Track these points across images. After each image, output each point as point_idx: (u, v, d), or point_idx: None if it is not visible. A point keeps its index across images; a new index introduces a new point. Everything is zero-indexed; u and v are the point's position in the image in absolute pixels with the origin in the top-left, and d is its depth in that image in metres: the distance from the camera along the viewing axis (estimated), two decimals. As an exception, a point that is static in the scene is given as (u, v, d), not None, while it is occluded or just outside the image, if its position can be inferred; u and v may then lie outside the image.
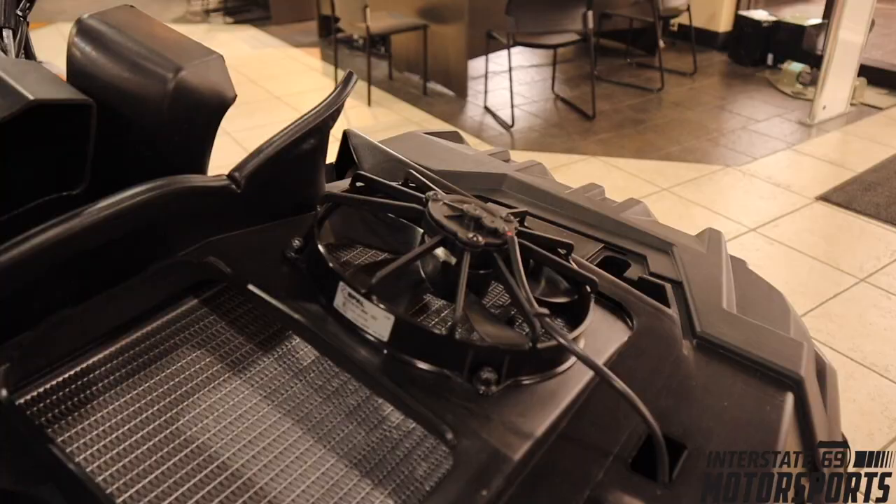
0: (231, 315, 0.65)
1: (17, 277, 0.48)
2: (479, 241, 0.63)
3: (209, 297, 0.65)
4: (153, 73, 0.61)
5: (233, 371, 0.61)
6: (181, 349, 0.60)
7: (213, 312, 0.64)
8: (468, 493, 0.50)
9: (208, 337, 0.62)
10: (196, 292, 0.63)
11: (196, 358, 0.61)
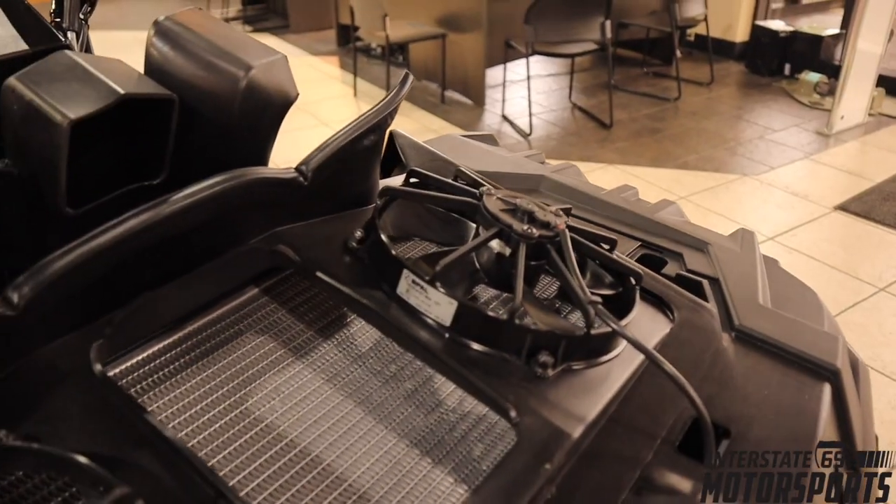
0: (292, 303, 0.68)
1: (109, 260, 0.52)
2: (533, 233, 0.67)
3: (271, 286, 0.68)
4: (226, 72, 0.65)
5: (296, 356, 0.64)
6: (248, 333, 0.64)
7: (276, 300, 0.67)
8: (532, 466, 0.54)
9: (272, 323, 0.66)
10: (261, 280, 0.66)
11: (262, 342, 0.64)
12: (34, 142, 0.56)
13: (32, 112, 0.55)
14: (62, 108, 0.54)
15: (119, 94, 0.55)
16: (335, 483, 0.54)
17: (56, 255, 0.49)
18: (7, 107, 0.57)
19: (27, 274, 0.49)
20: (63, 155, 0.54)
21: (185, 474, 0.47)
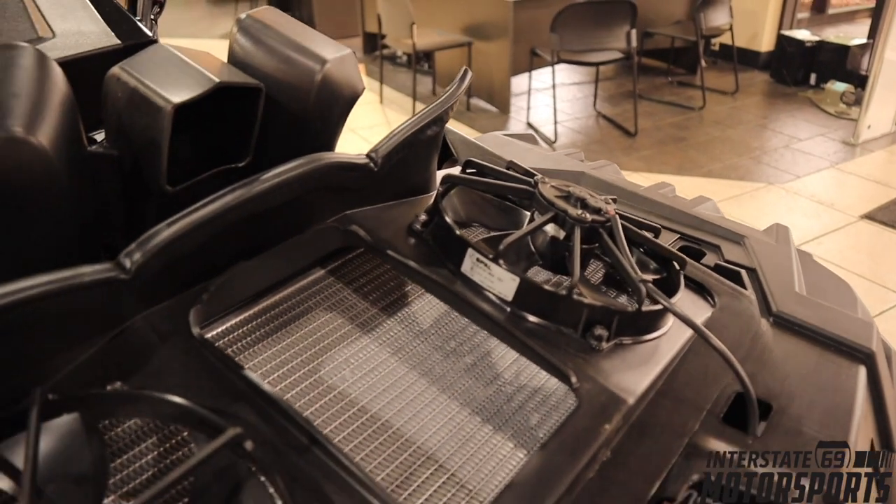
0: (359, 282, 0.73)
1: (207, 231, 0.57)
2: (587, 218, 0.71)
3: (341, 265, 0.73)
4: (303, 66, 0.70)
5: (363, 330, 0.68)
6: (321, 308, 0.69)
7: (345, 278, 0.72)
8: (593, 426, 0.58)
9: (342, 299, 0.70)
10: (333, 259, 0.71)
11: (333, 317, 0.69)
12: (138, 125, 0.61)
13: (137, 98, 0.60)
14: (165, 94, 0.59)
15: (215, 82, 0.61)
16: (405, 445, 0.59)
17: (162, 226, 0.55)
18: (111, 93, 0.62)
19: (137, 242, 0.54)
20: (166, 136, 0.59)
21: (279, 424, 0.52)
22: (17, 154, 0.52)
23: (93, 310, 0.53)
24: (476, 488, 0.56)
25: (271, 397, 0.53)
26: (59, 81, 0.57)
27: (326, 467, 0.51)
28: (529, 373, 0.67)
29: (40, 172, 0.54)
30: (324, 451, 0.51)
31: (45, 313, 0.49)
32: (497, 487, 0.55)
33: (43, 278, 0.48)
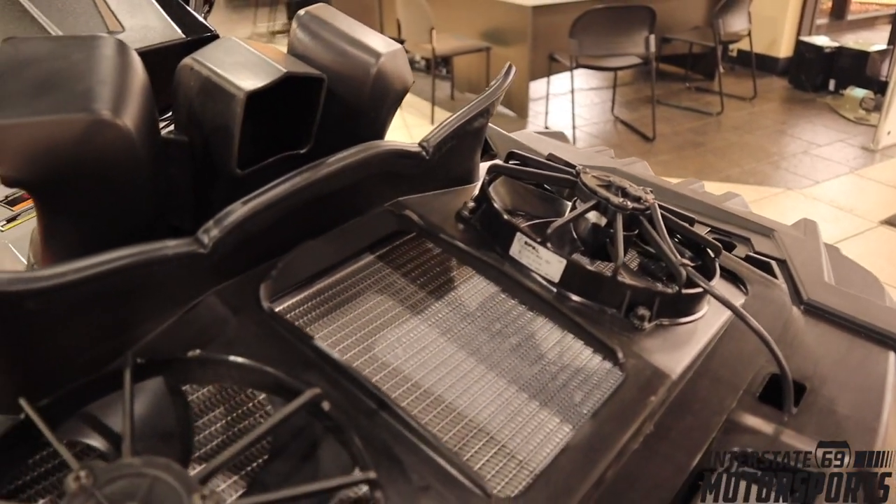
0: (409, 266, 0.76)
1: (277, 211, 0.61)
2: (628, 205, 0.74)
3: (393, 249, 0.77)
4: (359, 59, 0.74)
5: (413, 312, 0.72)
6: (376, 289, 0.72)
7: (396, 262, 0.76)
8: (639, 398, 0.61)
9: (395, 281, 0.74)
10: (386, 242, 0.75)
11: (386, 297, 0.72)
12: (210, 112, 0.65)
13: (210, 87, 0.64)
14: (237, 82, 0.63)
15: (283, 72, 0.65)
16: (458, 418, 0.62)
17: (237, 205, 0.59)
18: (184, 83, 0.66)
19: (214, 219, 0.58)
20: (238, 122, 0.63)
21: (348, 389, 0.56)
22: (105, 135, 0.56)
23: (173, 282, 0.57)
24: (525, 458, 0.59)
25: (341, 365, 0.57)
26: (139, 70, 0.61)
27: (394, 430, 0.54)
28: (572, 353, 0.71)
29: (125, 154, 0.58)
30: (392, 415, 0.55)
31: (132, 282, 0.53)
32: (546, 458, 0.58)
33: (131, 249, 0.52)
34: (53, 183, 0.57)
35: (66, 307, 0.50)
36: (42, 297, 0.47)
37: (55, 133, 0.55)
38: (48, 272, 0.47)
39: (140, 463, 0.43)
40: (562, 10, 4.76)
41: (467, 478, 0.52)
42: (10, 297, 0.46)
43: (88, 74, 0.57)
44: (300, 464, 0.50)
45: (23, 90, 0.56)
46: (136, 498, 0.41)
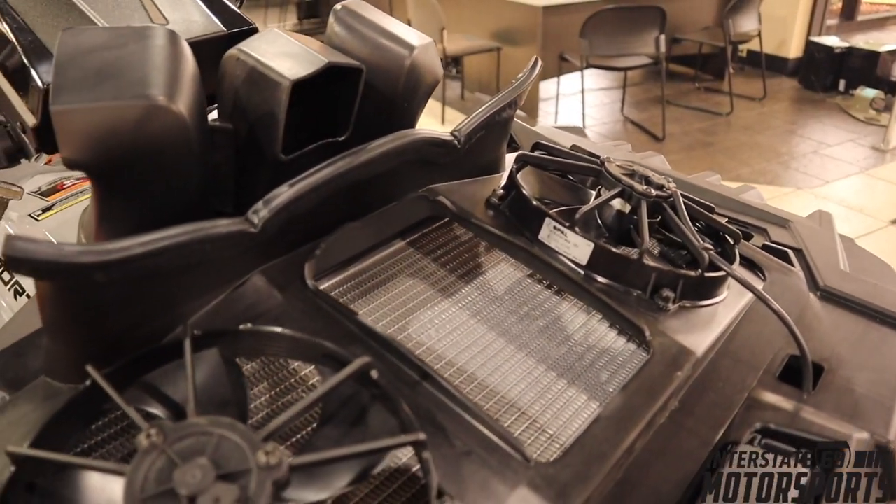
0: (442, 250, 0.79)
1: (320, 194, 0.64)
2: (651, 193, 0.77)
3: (426, 234, 0.80)
4: (394, 52, 0.77)
5: (444, 295, 0.75)
6: (410, 271, 0.75)
7: (429, 246, 0.79)
8: (666, 373, 0.64)
9: (428, 265, 0.77)
10: (419, 227, 0.78)
11: (419, 280, 0.75)
12: (255, 100, 0.68)
13: (256, 76, 0.67)
14: (282, 71, 0.66)
15: (325, 61, 0.68)
16: (490, 394, 0.65)
17: (284, 187, 0.62)
18: (229, 72, 0.69)
19: (263, 200, 0.61)
20: (284, 109, 0.66)
21: (392, 362, 0.59)
22: (161, 120, 0.59)
23: (223, 259, 0.60)
24: (558, 430, 0.62)
25: (385, 338, 0.60)
26: (190, 59, 0.64)
27: (437, 399, 0.57)
28: (598, 335, 0.73)
29: (178, 139, 0.61)
30: (434, 385, 0.58)
31: (187, 258, 0.56)
32: (579, 428, 0.61)
33: (188, 227, 0.55)
34: (111, 166, 0.60)
35: (129, 280, 0.53)
36: (109, 269, 0.50)
37: (114, 117, 0.58)
38: (115, 245, 0.50)
39: (206, 422, 0.46)
40: (572, 10, 4.80)
41: (508, 444, 0.55)
42: (80, 268, 0.49)
43: (144, 62, 0.60)
44: (349, 430, 0.53)
45: (82, 77, 0.59)
46: (204, 454, 0.44)
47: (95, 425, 0.55)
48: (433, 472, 0.48)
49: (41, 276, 0.50)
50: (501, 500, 0.51)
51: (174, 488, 0.42)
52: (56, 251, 0.48)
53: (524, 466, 0.54)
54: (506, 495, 0.51)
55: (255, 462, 0.43)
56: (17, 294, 1.02)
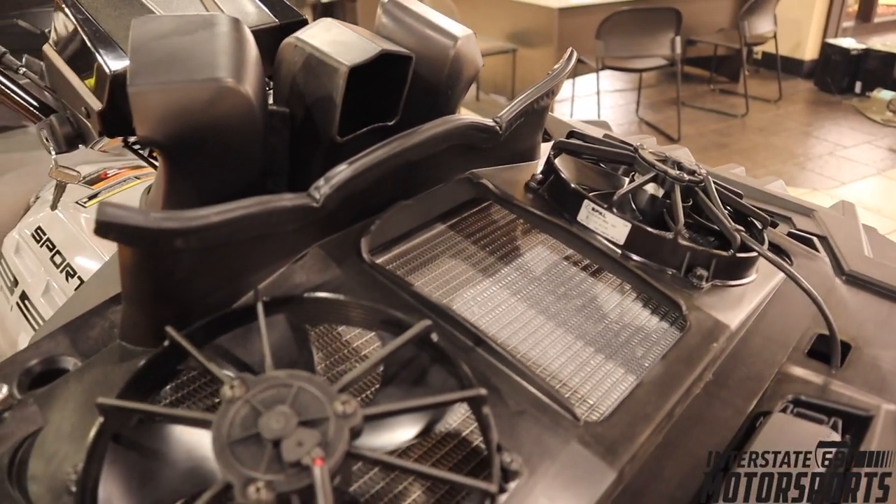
0: (484, 231, 0.83)
1: (374, 173, 0.68)
2: (684, 177, 0.81)
3: (470, 215, 0.83)
4: (439, 42, 0.81)
5: (485, 274, 0.78)
6: (454, 251, 0.79)
7: (472, 227, 0.82)
8: (703, 344, 0.68)
9: (472, 244, 0.80)
10: (464, 208, 0.82)
11: (462, 260, 0.79)
12: (313, 85, 0.72)
13: (313, 62, 0.71)
14: (339, 58, 0.70)
15: (380, 49, 0.71)
16: (533, 366, 0.68)
17: (343, 166, 0.65)
18: (287, 59, 0.73)
19: (324, 178, 0.64)
20: (341, 93, 0.70)
21: (447, 329, 0.63)
22: (229, 101, 0.63)
23: (287, 232, 0.64)
24: (599, 399, 0.65)
25: (440, 307, 0.64)
26: (253, 44, 0.68)
27: (490, 363, 0.61)
28: (633, 314, 0.77)
29: (245, 119, 0.65)
30: (488, 350, 0.61)
31: (256, 229, 0.60)
32: (623, 392, 0.64)
33: (257, 199, 0.59)
34: (183, 144, 0.64)
35: (203, 248, 0.57)
36: (188, 235, 0.54)
37: (186, 97, 0.62)
38: (194, 213, 0.54)
39: (285, 375, 0.49)
40: (588, 11, 4.83)
41: (558, 404, 0.58)
42: (163, 233, 0.53)
43: (212, 47, 0.64)
44: (409, 390, 0.57)
45: (156, 61, 0.63)
46: (285, 403, 0.47)
47: (169, 386, 0.58)
48: (493, 427, 0.51)
49: (128, 241, 0.54)
50: (554, 454, 0.54)
51: (259, 433, 0.46)
52: (143, 216, 0.52)
53: (574, 425, 0.57)
54: (558, 450, 0.55)
55: (332, 411, 0.47)
56: (69, 276, 1.07)
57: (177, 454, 0.52)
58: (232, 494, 0.45)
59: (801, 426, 0.63)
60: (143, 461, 0.52)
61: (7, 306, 1.18)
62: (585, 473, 0.54)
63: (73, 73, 0.82)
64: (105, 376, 0.59)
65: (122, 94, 0.77)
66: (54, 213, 1.16)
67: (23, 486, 0.52)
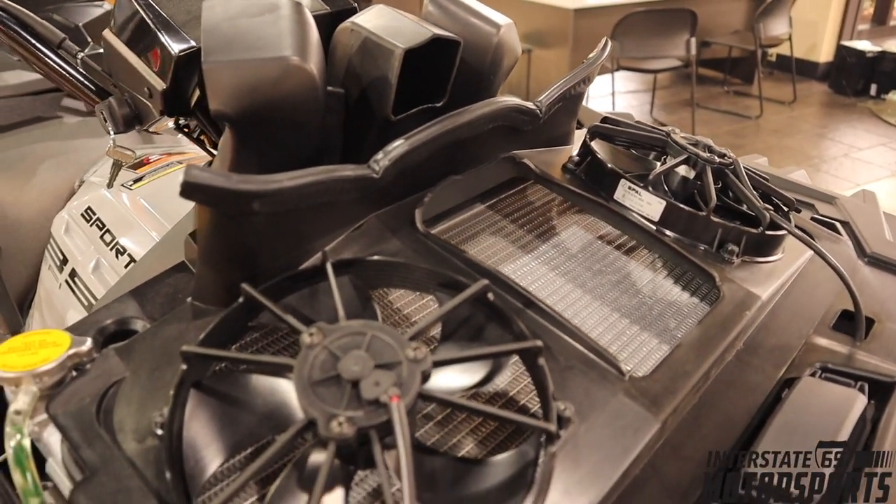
0: (525, 209, 0.87)
1: (427, 149, 0.72)
2: (715, 159, 0.85)
3: (512, 194, 0.87)
4: (483, 30, 0.85)
5: (530, 248, 0.82)
6: (499, 226, 0.83)
7: (514, 205, 0.87)
8: (736, 311, 0.72)
9: (514, 220, 0.84)
10: (507, 187, 0.86)
11: (507, 235, 0.83)
12: (369, 67, 0.76)
13: (370, 45, 0.76)
14: (394, 41, 0.74)
15: (432, 33, 0.76)
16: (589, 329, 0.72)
17: (400, 140, 0.70)
18: (343, 42, 0.78)
19: (383, 151, 0.69)
20: (396, 74, 0.74)
21: (498, 293, 0.67)
22: (296, 78, 0.68)
23: (347, 201, 0.68)
24: (638, 363, 0.69)
25: (491, 271, 0.68)
26: (314, 27, 0.73)
27: (539, 323, 0.65)
28: (665, 289, 0.81)
29: (309, 96, 0.69)
30: (537, 311, 0.66)
31: (321, 196, 0.64)
32: (661, 356, 0.68)
33: (322, 168, 0.63)
34: (251, 118, 0.68)
35: (276, 211, 0.61)
36: (264, 198, 0.59)
37: (255, 74, 0.67)
38: (270, 177, 0.59)
39: (358, 324, 0.54)
40: (603, 13, 4.86)
41: (605, 360, 0.62)
42: (243, 195, 0.58)
43: (279, 27, 0.69)
44: (467, 345, 0.61)
45: (227, 40, 0.68)
46: (360, 349, 0.52)
47: (234, 347, 0.63)
48: (549, 376, 0.55)
49: (210, 202, 0.58)
50: (603, 405, 0.59)
51: (339, 374, 0.50)
52: (226, 179, 0.57)
53: (620, 379, 0.61)
54: (606, 401, 0.59)
55: (404, 356, 0.51)
56: (119, 254, 1.11)
57: (253, 400, 0.56)
58: (311, 433, 0.50)
59: (831, 388, 0.67)
60: (222, 407, 0.56)
61: (55, 284, 1.23)
62: (632, 423, 0.58)
63: (136, 57, 0.87)
64: (179, 332, 0.64)
65: (185, 74, 0.82)
66: (103, 195, 1.21)
67: (110, 430, 0.56)
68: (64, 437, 0.56)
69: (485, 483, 0.54)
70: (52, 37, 1.02)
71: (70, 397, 0.58)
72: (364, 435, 0.48)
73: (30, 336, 0.61)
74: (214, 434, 0.55)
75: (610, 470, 0.55)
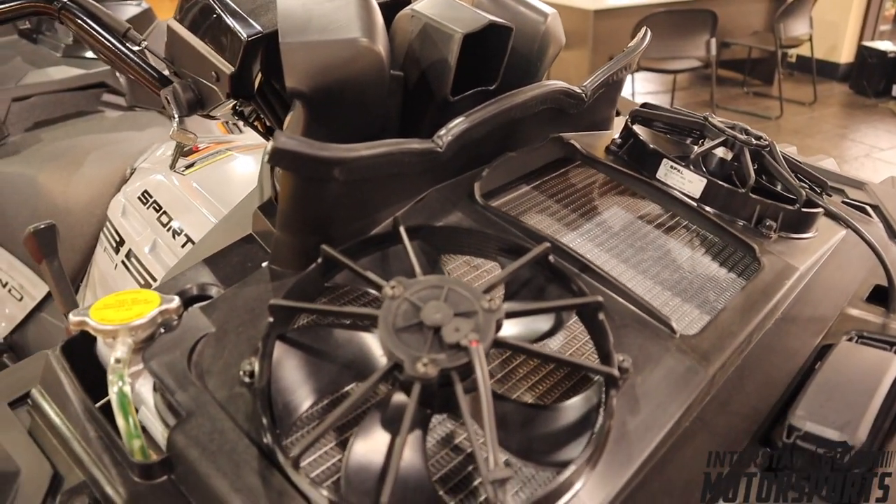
0: (573, 187, 0.91)
1: (484, 127, 0.77)
2: (752, 141, 0.89)
3: (560, 174, 0.92)
4: (531, 18, 0.90)
5: (579, 223, 0.86)
6: (550, 201, 0.87)
7: (562, 184, 0.91)
8: (776, 280, 0.76)
9: (560, 198, 0.89)
10: (556, 167, 0.91)
11: (554, 211, 0.87)
12: (429, 51, 0.81)
13: (429, 30, 0.81)
14: (454, 26, 0.79)
15: (489, 19, 0.81)
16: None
17: (461, 118, 0.75)
18: (403, 28, 0.83)
19: (445, 128, 0.74)
20: (455, 57, 0.79)
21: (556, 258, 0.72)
22: (366, 58, 0.73)
23: (410, 175, 0.73)
24: (692, 320, 0.74)
25: (549, 238, 0.73)
26: (379, 12, 0.78)
27: (594, 286, 0.70)
28: (704, 264, 0.85)
29: (377, 76, 0.74)
30: (593, 275, 0.70)
31: (390, 167, 0.69)
32: (707, 319, 0.73)
33: (391, 140, 0.68)
34: (322, 95, 0.73)
35: (351, 179, 0.66)
36: (343, 165, 0.63)
37: (328, 54, 0.72)
38: (348, 146, 0.64)
39: (435, 278, 0.58)
40: (623, 13, 4.90)
41: (657, 320, 0.67)
42: (325, 162, 0.63)
43: (348, 12, 0.74)
44: (532, 302, 0.66)
45: (303, 22, 0.73)
46: (439, 300, 0.57)
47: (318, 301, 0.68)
48: (609, 330, 0.60)
49: (295, 167, 0.63)
50: (657, 359, 0.63)
51: (422, 322, 0.55)
52: (310, 146, 0.62)
53: (671, 337, 0.66)
54: (660, 356, 0.64)
55: (480, 306, 0.56)
56: (175, 234, 1.17)
57: (333, 352, 0.61)
58: (392, 378, 0.54)
59: (867, 351, 0.71)
60: (304, 358, 0.61)
61: (111, 265, 1.29)
62: (684, 375, 0.63)
63: (203, 43, 0.92)
64: (259, 293, 0.69)
65: (251, 58, 0.87)
66: (160, 179, 1.26)
67: (201, 379, 0.61)
68: (160, 383, 0.60)
69: (550, 426, 0.59)
70: (119, 27, 1.08)
71: (162, 349, 0.63)
72: (445, 376, 0.53)
73: (122, 294, 0.66)
74: (298, 382, 0.60)
75: (665, 418, 0.59)
